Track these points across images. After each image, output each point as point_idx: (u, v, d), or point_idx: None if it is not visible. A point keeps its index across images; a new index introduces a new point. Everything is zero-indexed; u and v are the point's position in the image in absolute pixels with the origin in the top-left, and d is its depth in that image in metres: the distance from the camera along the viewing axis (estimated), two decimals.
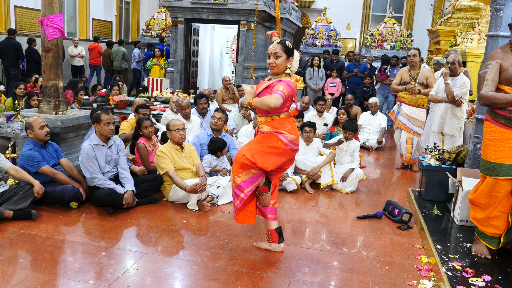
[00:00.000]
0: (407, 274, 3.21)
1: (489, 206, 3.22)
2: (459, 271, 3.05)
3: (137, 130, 4.93)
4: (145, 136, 4.88)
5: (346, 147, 5.41)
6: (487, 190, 3.21)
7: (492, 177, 3.17)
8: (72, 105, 6.64)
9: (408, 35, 13.58)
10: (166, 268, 3.12)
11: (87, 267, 3.05)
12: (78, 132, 5.08)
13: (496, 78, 3.15)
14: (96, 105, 6.09)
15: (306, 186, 5.17)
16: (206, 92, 7.62)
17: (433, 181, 4.61)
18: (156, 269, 3.08)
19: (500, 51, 3.23)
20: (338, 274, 3.18)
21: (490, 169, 3.17)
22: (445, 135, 5.89)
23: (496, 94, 3.11)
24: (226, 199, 4.57)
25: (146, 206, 4.32)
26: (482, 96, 3.16)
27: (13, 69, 9.99)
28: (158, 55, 11.77)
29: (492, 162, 3.15)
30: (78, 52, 12.55)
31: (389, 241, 3.82)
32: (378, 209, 4.57)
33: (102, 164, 4.23)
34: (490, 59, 3.23)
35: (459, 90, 5.62)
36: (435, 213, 4.22)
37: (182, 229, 3.84)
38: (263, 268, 3.18)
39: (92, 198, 4.19)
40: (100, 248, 3.35)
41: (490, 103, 3.15)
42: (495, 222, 3.21)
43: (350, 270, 3.25)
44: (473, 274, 3.02)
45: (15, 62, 10.00)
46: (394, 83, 6.29)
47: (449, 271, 3.04)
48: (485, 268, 3.13)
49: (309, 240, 3.73)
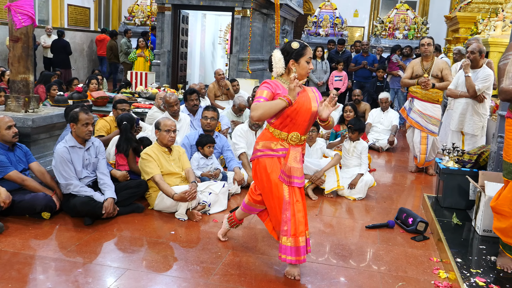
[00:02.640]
0: None
1: None
2: None
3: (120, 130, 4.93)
4: None
5: (353, 148, 5.39)
6: (511, 196, 3.19)
7: None
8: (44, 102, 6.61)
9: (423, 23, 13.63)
10: (151, 285, 3.09)
11: (60, 286, 3.01)
12: (51, 133, 5.05)
13: None
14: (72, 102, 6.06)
15: (309, 192, 5.15)
16: (197, 87, 7.59)
17: (452, 186, 4.60)
18: (140, 287, 3.05)
19: None
20: None
21: None
22: (465, 134, 5.88)
23: None
24: (219, 207, 4.55)
25: (129, 216, 4.30)
26: (502, 90, 3.15)
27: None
28: (142, 45, 11.75)
29: None
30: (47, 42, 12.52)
31: (403, 253, 3.80)
32: (389, 218, 4.56)
33: (79, 169, 4.20)
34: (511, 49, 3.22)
35: (481, 84, 5.61)
36: (455, 222, 4.21)
37: (169, 242, 3.81)
38: (261, 286, 3.16)
39: (67, 207, 4.16)
40: (76, 264, 3.32)
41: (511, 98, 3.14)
42: None
43: (358, 286, 3.22)
44: None
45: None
46: (405, 76, 6.29)
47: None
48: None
49: (313, 253, 3.71)
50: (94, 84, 7.79)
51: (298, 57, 3.15)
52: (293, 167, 3.16)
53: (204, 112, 5.26)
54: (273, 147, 3.23)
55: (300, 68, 3.17)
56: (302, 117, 3.15)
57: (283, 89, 3.18)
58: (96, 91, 7.56)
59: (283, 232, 3.15)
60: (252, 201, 3.45)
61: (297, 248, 3.13)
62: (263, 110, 3.03)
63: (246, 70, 10.74)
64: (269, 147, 3.24)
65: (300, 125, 3.18)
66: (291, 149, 3.20)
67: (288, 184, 3.16)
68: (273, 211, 3.26)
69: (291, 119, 3.15)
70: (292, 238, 3.11)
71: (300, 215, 3.13)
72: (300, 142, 3.23)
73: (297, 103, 3.12)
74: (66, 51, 12.63)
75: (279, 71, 3.20)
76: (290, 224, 3.12)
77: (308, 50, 3.19)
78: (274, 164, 3.22)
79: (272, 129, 3.23)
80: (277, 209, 3.20)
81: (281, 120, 3.18)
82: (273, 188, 3.20)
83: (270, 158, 3.23)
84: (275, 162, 3.22)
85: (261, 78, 11.41)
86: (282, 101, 3.06)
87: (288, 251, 3.14)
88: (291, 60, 3.16)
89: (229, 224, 3.78)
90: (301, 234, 3.13)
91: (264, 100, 3.07)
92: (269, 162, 3.22)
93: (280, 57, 3.17)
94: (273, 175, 3.19)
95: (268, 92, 3.12)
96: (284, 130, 3.19)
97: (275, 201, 3.21)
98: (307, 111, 3.15)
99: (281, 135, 3.21)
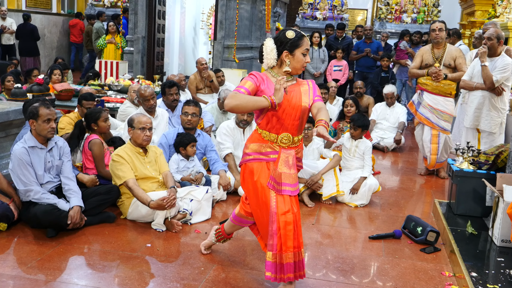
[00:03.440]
0: None
1: None
2: None
3: (79, 125, 4.93)
4: (102, 131, 4.89)
5: (355, 147, 5.42)
6: None
7: None
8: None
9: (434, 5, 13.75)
10: None
11: None
12: (8, 131, 5.02)
13: None
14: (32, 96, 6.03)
15: (304, 198, 5.18)
16: (176, 78, 7.59)
17: (466, 191, 4.65)
18: None
19: None
20: None
21: None
22: (482, 131, 5.94)
23: None
24: (201, 215, 4.56)
25: (99, 226, 4.29)
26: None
27: None
28: (113, 30, 11.69)
29: None
30: (7, 27, 12.43)
31: (411, 267, 3.84)
32: (396, 227, 4.60)
33: (40, 173, 4.19)
34: None
35: (500, 75, 5.66)
36: (469, 232, 4.26)
37: (145, 256, 3.81)
38: None
39: (26, 217, 4.14)
40: (38, 283, 3.31)
41: None
42: None
43: None
44: None
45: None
46: (413, 66, 6.33)
47: None
48: None
49: (309, 267, 3.73)
50: (57, 75, 7.74)
51: (293, 48, 3.16)
52: (284, 173, 3.15)
53: (184, 108, 5.26)
54: (262, 151, 3.23)
55: (294, 61, 3.18)
56: (290, 116, 3.16)
57: (270, 84, 3.19)
58: (60, 83, 7.52)
59: (268, 247, 3.16)
60: (244, 212, 3.46)
61: (281, 265, 3.11)
62: (239, 102, 3.04)
63: (232, 59, 10.74)
64: (259, 151, 3.24)
65: (289, 125, 3.18)
66: (282, 152, 3.20)
67: (277, 192, 3.15)
68: (260, 221, 3.27)
69: (277, 119, 3.16)
70: (278, 254, 3.11)
71: (289, 228, 3.10)
72: (293, 144, 3.24)
73: (284, 101, 3.12)
74: (34, 37, 12.60)
75: (270, 62, 3.20)
76: (276, 238, 3.10)
77: (305, 40, 3.20)
78: (262, 168, 3.22)
79: (261, 131, 3.25)
80: (264, 218, 3.20)
81: (267, 120, 3.19)
82: (259, 194, 3.20)
83: (259, 162, 3.24)
84: (263, 167, 3.22)
85: (249, 68, 11.42)
86: (265, 100, 3.06)
87: (269, 267, 3.12)
88: (284, 51, 3.17)
89: (216, 238, 3.77)
90: (289, 250, 3.10)
91: (245, 91, 3.09)
92: (257, 166, 3.23)
93: (273, 47, 3.18)
94: (259, 180, 3.19)
95: (252, 84, 3.14)
96: (272, 131, 3.20)
97: (262, 209, 3.21)
98: (296, 109, 3.16)
99: (270, 137, 3.21)
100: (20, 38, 12.54)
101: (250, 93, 3.11)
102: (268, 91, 3.14)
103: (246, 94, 3.09)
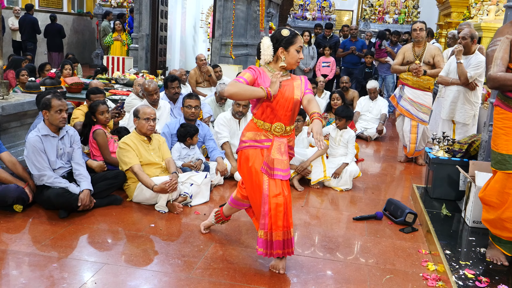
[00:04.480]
0: (412, 284, 3.26)
1: (501, 205, 3.23)
2: (471, 280, 3.11)
3: (89, 116, 4.92)
4: (101, 123, 4.88)
5: (340, 137, 5.44)
6: (499, 186, 3.24)
7: (503, 171, 3.19)
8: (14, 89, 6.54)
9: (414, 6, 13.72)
10: (131, 280, 3.10)
11: (35, 282, 3.01)
12: (23, 121, 5.00)
13: (506, 56, 3.17)
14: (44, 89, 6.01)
15: (295, 182, 5.20)
16: (178, 73, 7.57)
17: (442, 177, 4.68)
18: (119, 282, 3.06)
19: (511, 25, 3.25)
20: (332, 285, 3.20)
21: (502, 162, 3.19)
22: (456, 123, 5.97)
23: (507, 75, 3.12)
24: (201, 198, 4.57)
25: (106, 208, 4.29)
26: (490, 78, 3.17)
27: (29, 43, 12.42)
28: (119, 29, 11.62)
29: (504, 154, 3.18)
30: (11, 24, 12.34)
31: (391, 246, 3.87)
32: (377, 209, 4.62)
33: (53, 159, 4.18)
34: (499, 34, 3.23)
35: (474, 71, 5.68)
36: (444, 213, 4.29)
37: (149, 235, 3.82)
38: (245, 279, 3.19)
39: (40, 200, 4.14)
40: (51, 259, 3.31)
41: (500, 85, 3.16)
42: (509, 224, 3.22)
43: (345, 280, 3.28)
44: (487, 283, 3.08)
45: (32, 37, 12.51)
46: (396, 62, 6.34)
47: (460, 280, 3.10)
48: (502, 277, 3.20)
49: (298, 246, 3.75)
50: (68, 69, 7.71)
51: (287, 45, 3.17)
52: (276, 159, 3.18)
53: (187, 101, 5.24)
54: (257, 138, 3.27)
55: (289, 57, 3.20)
56: (283, 107, 3.19)
57: (266, 78, 3.20)
58: (70, 77, 7.48)
59: (260, 226, 3.21)
60: (240, 196, 3.48)
61: (271, 242, 3.18)
62: (238, 89, 3.07)
63: (229, 55, 10.69)
64: (254, 138, 3.27)
65: (282, 115, 3.21)
66: (275, 140, 3.23)
67: (270, 177, 3.18)
68: (254, 202, 3.30)
69: (271, 109, 3.19)
70: (269, 232, 3.16)
71: (280, 209, 3.14)
72: (285, 133, 3.26)
73: (278, 93, 3.16)
74: (60, 35, 13.44)
75: (267, 58, 3.23)
76: (267, 218, 3.15)
77: (299, 38, 3.21)
78: (257, 155, 3.25)
79: (256, 120, 3.28)
80: (258, 200, 3.24)
81: (262, 111, 3.23)
82: (253, 178, 3.23)
83: (254, 149, 3.27)
84: (257, 153, 3.26)
85: (244, 63, 11.38)
86: (262, 91, 3.10)
87: (261, 244, 3.20)
88: (280, 48, 3.18)
89: (215, 219, 3.80)
90: (278, 229, 3.15)
91: (244, 81, 3.12)
92: (252, 153, 3.26)
93: (269, 44, 3.20)
94: (254, 165, 3.23)
95: (250, 75, 3.16)
96: (267, 121, 3.23)
97: (256, 191, 3.24)
98: (288, 101, 3.19)
99: (264, 126, 3.25)
100: (48, 36, 13.27)
101: (248, 84, 3.13)
102: (263, 84, 3.16)
103: (245, 84, 3.11)
